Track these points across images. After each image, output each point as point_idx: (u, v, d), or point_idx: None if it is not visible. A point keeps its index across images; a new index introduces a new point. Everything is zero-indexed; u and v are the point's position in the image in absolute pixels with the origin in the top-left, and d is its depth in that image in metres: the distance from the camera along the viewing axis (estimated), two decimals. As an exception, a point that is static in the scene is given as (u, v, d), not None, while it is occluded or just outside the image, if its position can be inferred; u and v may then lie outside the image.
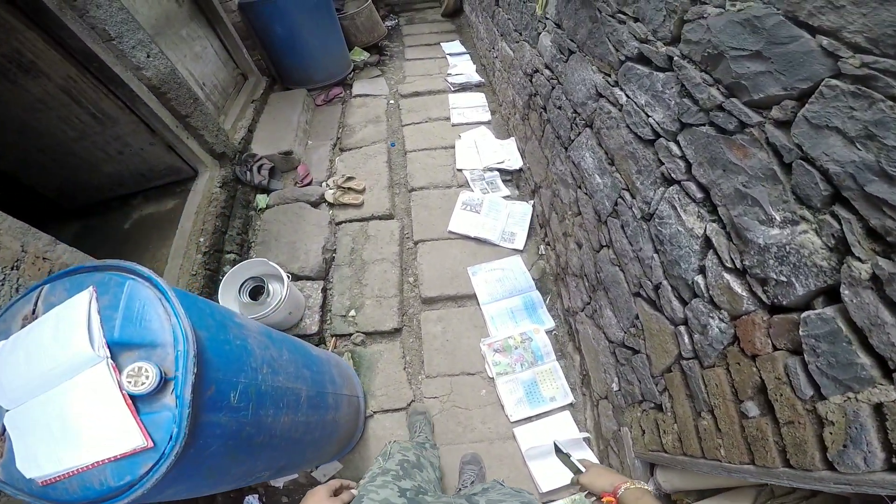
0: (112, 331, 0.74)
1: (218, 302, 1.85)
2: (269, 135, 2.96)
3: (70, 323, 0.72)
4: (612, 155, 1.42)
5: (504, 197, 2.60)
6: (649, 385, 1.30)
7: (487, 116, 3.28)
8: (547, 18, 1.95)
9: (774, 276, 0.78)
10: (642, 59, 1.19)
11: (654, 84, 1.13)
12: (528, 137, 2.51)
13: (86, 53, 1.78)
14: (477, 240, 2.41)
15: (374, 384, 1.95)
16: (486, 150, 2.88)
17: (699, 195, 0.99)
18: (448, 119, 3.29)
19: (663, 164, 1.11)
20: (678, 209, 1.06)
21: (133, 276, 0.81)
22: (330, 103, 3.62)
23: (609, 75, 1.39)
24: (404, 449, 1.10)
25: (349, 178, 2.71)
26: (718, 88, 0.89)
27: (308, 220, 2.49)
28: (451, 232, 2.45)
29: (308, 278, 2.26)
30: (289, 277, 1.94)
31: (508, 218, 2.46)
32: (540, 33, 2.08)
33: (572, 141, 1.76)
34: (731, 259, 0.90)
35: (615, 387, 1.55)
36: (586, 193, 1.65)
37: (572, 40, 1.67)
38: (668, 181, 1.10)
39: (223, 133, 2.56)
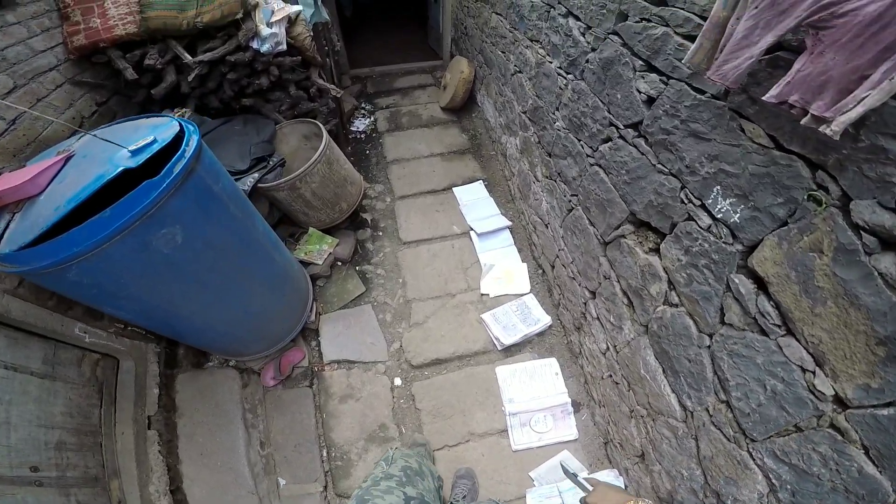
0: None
1: None
2: (215, 495, 1.66)
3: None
4: None
5: None
6: None
7: (573, 429, 1.81)
8: None
9: None
10: None
11: None
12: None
13: None
14: None
15: None
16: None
17: None
18: (504, 433, 1.83)
19: None
20: None
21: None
22: (289, 380, 2.04)
23: None
24: (406, 455, 1.10)
25: None
26: None
27: None
28: None
29: None
30: None
31: None
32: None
33: None
34: None
35: None
36: None
37: None
38: None
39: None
